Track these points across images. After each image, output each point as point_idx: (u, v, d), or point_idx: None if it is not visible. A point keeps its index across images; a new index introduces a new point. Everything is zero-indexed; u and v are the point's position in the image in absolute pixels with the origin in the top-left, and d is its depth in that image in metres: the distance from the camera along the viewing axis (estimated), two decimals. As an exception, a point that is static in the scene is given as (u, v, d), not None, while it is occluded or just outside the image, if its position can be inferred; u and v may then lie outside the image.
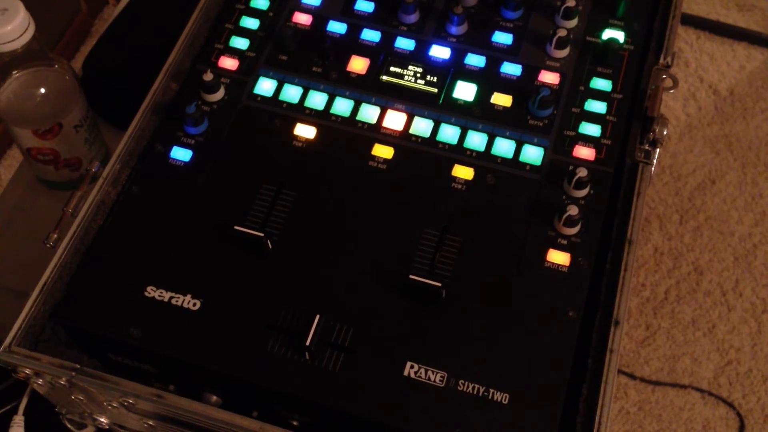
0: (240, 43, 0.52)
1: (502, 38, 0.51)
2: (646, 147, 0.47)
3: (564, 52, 0.50)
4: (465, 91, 0.50)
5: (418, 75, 0.50)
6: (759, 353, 1.15)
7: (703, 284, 1.20)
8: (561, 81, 0.50)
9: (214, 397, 0.44)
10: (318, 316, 0.42)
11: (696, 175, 1.30)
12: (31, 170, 0.71)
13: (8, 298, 0.65)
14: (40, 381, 0.43)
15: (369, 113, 0.49)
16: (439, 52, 0.51)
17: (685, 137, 1.34)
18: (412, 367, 0.41)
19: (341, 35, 0.52)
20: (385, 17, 0.53)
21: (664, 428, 1.10)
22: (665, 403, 1.11)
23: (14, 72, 0.61)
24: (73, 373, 0.41)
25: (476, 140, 0.48)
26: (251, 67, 0.51)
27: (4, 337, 0.60)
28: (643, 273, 1.21)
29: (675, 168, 1.31)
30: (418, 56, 0.51)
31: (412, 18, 0.52)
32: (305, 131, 0.49)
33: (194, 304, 0.43)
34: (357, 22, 0.53)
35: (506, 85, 0.50)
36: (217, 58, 0.52)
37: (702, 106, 1.37)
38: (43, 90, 0.62)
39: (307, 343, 0.41)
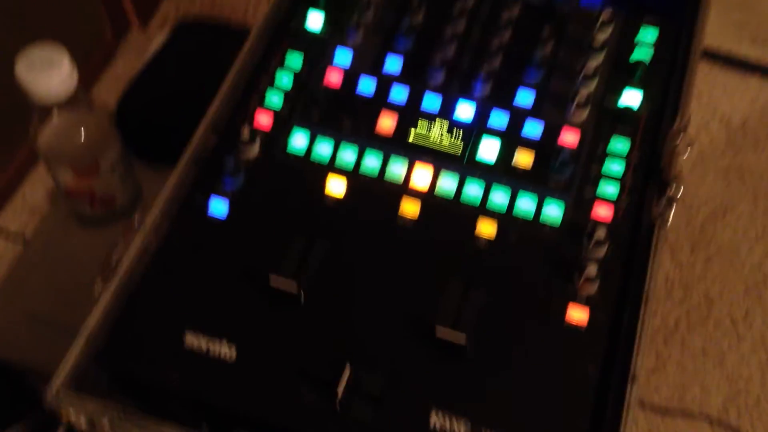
0: (275, 100, 0.55)
1: (525, 98, 0.54)
2: (663, 206, 0.49)
3: (584, 114, 0.53)
4: (489, 149, 0.52)
5: (444, 133, 0.53)
6: (768, 384, 1.16)
7: (713, 314, 1.22)
8: (581, 141, 0.52)
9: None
10: (348, 366, 0.44)
11: (708, 206, 1.32)
12: (66, 206, 0.74)
13: (44, 330, 0.68)
14: (83, 422, 0.46)
15: (397, 170, 0.52)
16: (464, 111, 0.54)
17: (697, 167, 1.36)
18: (437, 414, 0.44)
19: (370, 94, 0.55)
20: (412, 76, 0.55)
21: (674, 458, 1.12)
22: (675, 433, 1.13)
23: (54, 114, 0.64)
24: (117, 415, 0.44)
25: (499, 198, 0.50)
26: (285, 123, 0.54)
27: (43, 371, 0.63)
28: (654, 302, 1.23)
29: (687, 198, 1.33)
30: (444, 115, 0.54)
31: (439, 78, 0.55)
32: (336, 187, 0.51)
33: (230, 350, 0.46)
34: (386, 81, 0.55)
35: (528, 144, 0.52)
36: (254, 113, 0.55)
37: (714, 137, 1.39)
38: (82, 132, 0.65)
39: (338, 394, 0.43)
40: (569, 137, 0.52)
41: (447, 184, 0.51)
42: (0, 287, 0.71)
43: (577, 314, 0.46)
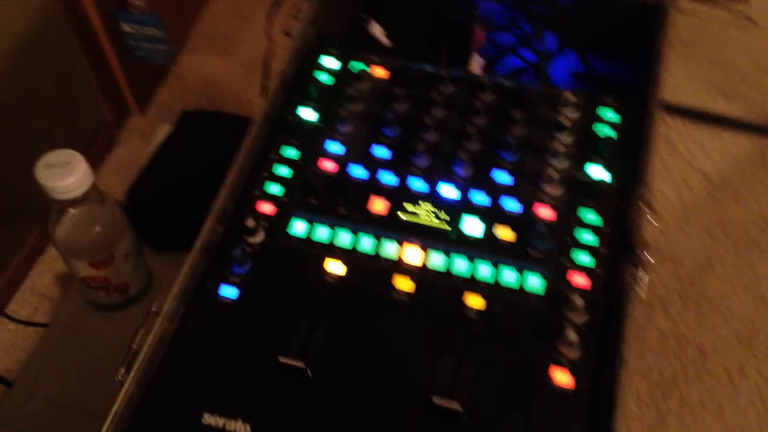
0: (275, 189, 0.60)
1: (503, 178, 0.59)
2: (634, 273, 0.54)
3: (557, 189, 0.58)
4: (473, 226, 0.57)
5: (432, 213, 0.58)
6: (767, 433, 1.18)
7: (708, 367, 1.25)
8: (556, 216, 0.57)
9: None
10: (355, 438, 0.48)
11: (695, 260, 1.36)
12: (82, 294, 0.78)
13: (65, 416, 0.71)
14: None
15: (390, 250, 0.56)
16: (449, 192, 0.59)
17: (681, 223, 1.41)
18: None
19: (363, 179, 0.60)
20: (400, 162, 0.61)
21: None
22: (679, 487, 1.14)
23: (70, 210, 0.69)
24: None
25: (485, 272, 0.55)
26: (286, 210, 0.59)
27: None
28: (650, 356, 1.26)
29: (674, 253, 1.37)
30: (431, 196, 0.59)
31: (424, 162, 0.60)
32: (335, 268, 0.56)
33: (245, 429, 0.49)
34: (376, 166, 0.61)
35: (509, 220, 0.57)
36: (256, 203, 0.60)
37: (695, 192, 1.44)
38: (97, 226, 0.70)
39: (347, 464, 0.47)
40: (545, 212, 0.57)
41: (437, 258, 0.56)
42: (21, 374, 0.75)
43: (563, 378, 0.50)
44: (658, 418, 1.21)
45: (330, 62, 0.67)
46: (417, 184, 0.59)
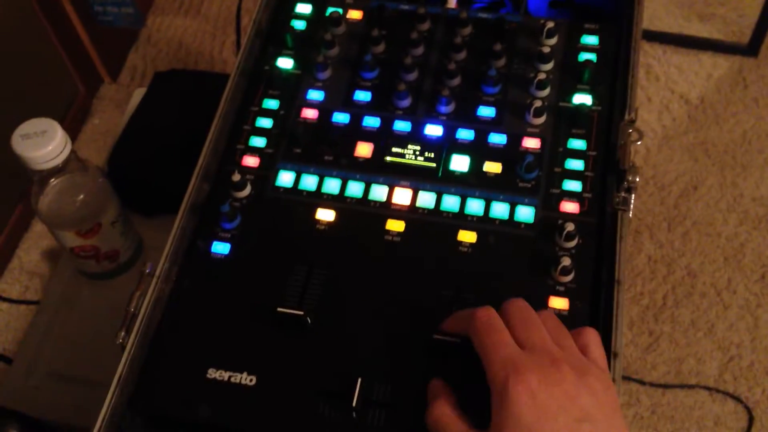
0: (258, 141, 0.59)
1: (487, 112, 0.59)
2: (623, 195, 0.54)
3: (541, 119, 0.58)
4: (460, 162, 0.57)
5: (417, 153, 0.58)
6: (758, 346, 1.21)
7: (697, 286, 1.27)
8: (542, 145, 0.57)
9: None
10: (360, 379, 0.48)
11: (678, 183, 1.37)
12: (72, 265, 0.78)
13: (68, 386, 0.72)
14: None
15: (379, 192, 0.56)
16: (433, 130, 0.58)
17: (663, 148, 1.42)
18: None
19: (345, 124, 0.60)
20: (381, 104, 0.60)
21: (678, 428, 1.16)
22: (676, 405, 1.18)
23: (52, 180, 0.68)
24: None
25: (475, 206, 0.55)
26: (271, 162, 0.58)
27: (75, 425, 0.66)
28: (640, 282, 1.28)
29: (657, 178, 1.38)
30: (415, 136, 0.58)
31: (406, 102, 0.60)
32: (325, 215, 0.56)
33: (251, 380, 0.50)
34: (358, 111, 0.60)
35: (495, 153, 0.57)
36: (241, 157, 0.59)
37: (676, 117, 1.45)
38: (81, 195, 0.69)
39: (354, 404, 0.47)
40: (531, 142, 0.57)
41: (426, 197, 0.56)
42: (19, 350, 0.75)
43: (558, 303, 0.51)
44: (651, 340, 1.24)
45: (304, 8, 0.66)
46: (400, 125, 0.59)
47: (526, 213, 0.54)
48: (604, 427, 0.41)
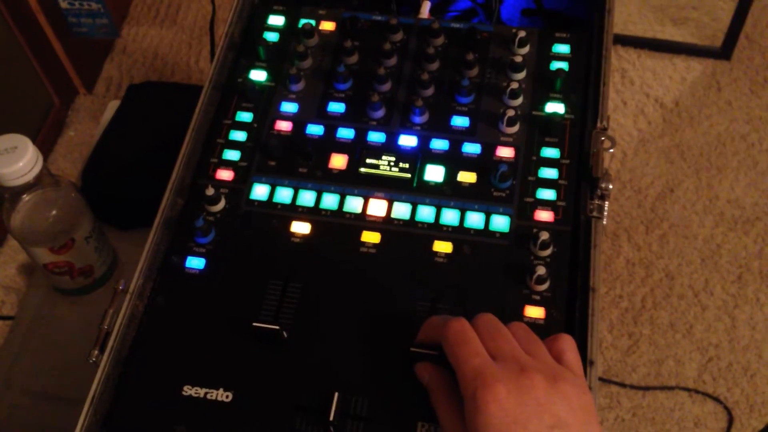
0: (232, 155, 0.59)
1: (460, 122, 0.59)
2: (597, 202, 0.54)
3: (515, 128, 0.58)
4: (434, 173, 0.57)
5: (392, 163, 0.58)
6: (736, 347, 1.23)
7: (675, 288, 1.29)
8: (516, 154, 0.57)
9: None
10: (337, 394, 0.48)
11: (655, 186, 1.39)
12: (46, 281, 0.77)
13: (38, 402, 0.71)
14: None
15: (354, 204, 0.56)
16: (407, 140, 0.59)
17: (639, 152, 1.43)
18: (423, 426, 0.48)
19: (320, 136, 0.59)
20: (355, 115, 0.60)
21: (659, 430, 1.17)
22: (656, 406, 1.19)
23: (24, 196, 0.67)
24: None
25: (450, 216, 0.55)
26: (245, 175, 0.58)
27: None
28: (618, 285, 1.29)
29: (634, 182, 1.39)
30: (390, 147, 0.58)
31: (380, 113, 0.60)
32: (300, 228, 0.56)
33: (227, 396, 0.49)
34: (332, 122, 0.60)
35: (469, 163, 0.57)
36: (214, 171, 0.59)
37: (651, 120, 1.46)
38: (53, 210, 0.69)
39: (331, 419, 0.47)
40: (505, 152, 0.57)
41: (401, 208, 0.56)
42: (-7, 368, 0.74)
43: (534, 312, 0.51)
44: (631, 342, 1.25)
45: (276, 20, 0.66)
46: (375, 136, 0.59)
47: (501, 222, 0.54)
48: None
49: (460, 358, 0.44)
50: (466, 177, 0.57)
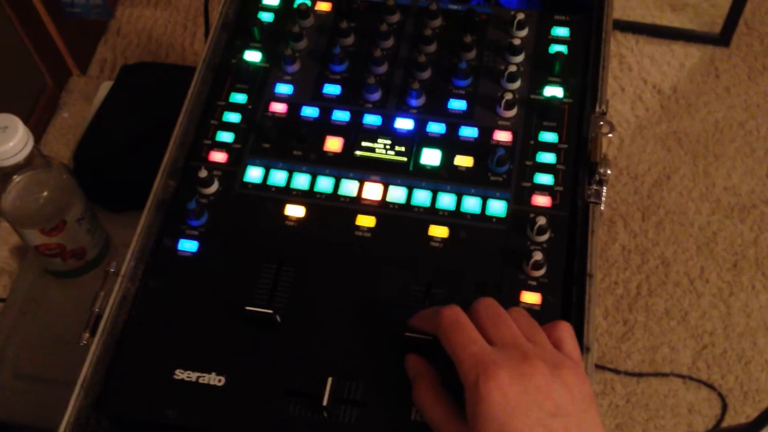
0: (226, 137, 0.58)
1: (457, 105, 0.58)
2: (595, 188, 0.54)
3: (512, 112, 0.57)
4: (431, 156, 0.56)
5: (388, 147, 0.57)
6: (731, 334, 1.23)
7: (671, 275, 1.28)
8: (513, 138, 0.56)
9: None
10: (330, 378, 0.48)
11: (651, 173, 1.38)
12: (38, 263, 0.76)
13: (34, 387, 0.70)
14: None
15: (349, 187, 0.55)
16: (403, 123, 0.58)
17: (637, 138, 1.42)
18: (417, 411, 0.47)
19: (315, 118, 0.59)
20: (351, 98, 0.59)
21: (653, 416, 1.17)
22: (650, 393, 1.19)
23: (15, 177, 0.66)
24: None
25: (446, 200, 0.54)
26: (239, 157, 0.57)
27: (40, 426, 0.65)
28: (614, 272, 1.29)
29: (631, 168, 1.39)
30: (386, 130, 0.58)
31: (376, 96, 0.59)
32: (294, 211, 0.55)
33: (219, 380, 0.49)
34: (327, 105, 0.59)
35: (466, 147, 0.56)
36: (207, 153, 0.58)
37: (649, 107, 1.46)
38: (44, 191, 0.68)
39: (324, 403, 0.47)
40: (502, 135, 0.57)
41: (397, 192, 0.55)
42: (-16, 351, 0.73)
43: (530, 298, 0.50)
44: (626, 329, 1.25)
45: (271, 0, 0.65)
46: (370, 119, 0.58)
47: (497, 207, 0.54)
48: (577, 421, 0.41)
49: (458, 345, 0.43)
50: (463, 161, 0.56)
